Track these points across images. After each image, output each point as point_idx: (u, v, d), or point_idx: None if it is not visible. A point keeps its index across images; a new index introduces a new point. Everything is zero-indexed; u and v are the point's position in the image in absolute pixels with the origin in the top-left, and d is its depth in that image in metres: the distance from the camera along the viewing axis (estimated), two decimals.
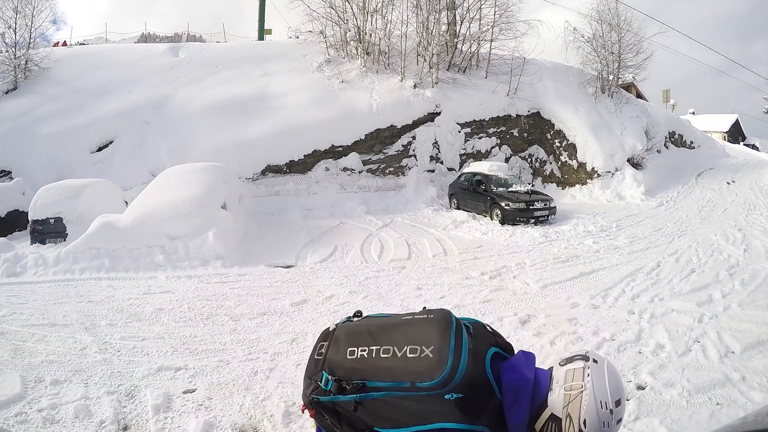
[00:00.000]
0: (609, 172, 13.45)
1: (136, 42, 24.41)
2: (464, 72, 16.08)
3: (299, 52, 16.14)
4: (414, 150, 13.86)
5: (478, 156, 14.43)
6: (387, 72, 15.31)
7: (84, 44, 22.27)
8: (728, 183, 14.12)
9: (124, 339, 4.50)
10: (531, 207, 10.12)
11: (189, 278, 6.61)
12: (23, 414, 3.22)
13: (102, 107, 13.36)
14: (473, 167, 12.29)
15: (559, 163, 14.70)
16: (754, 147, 30.84)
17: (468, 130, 14.55)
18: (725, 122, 38.81)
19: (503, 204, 10.26)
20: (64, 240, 8.10)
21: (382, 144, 13.61)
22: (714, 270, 6.54)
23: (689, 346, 4.21)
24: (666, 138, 17.75)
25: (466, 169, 12.53)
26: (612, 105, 16.00)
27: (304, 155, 12.68)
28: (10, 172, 11.87)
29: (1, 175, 11.94)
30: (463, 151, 14.44)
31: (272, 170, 12.43)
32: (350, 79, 14.77)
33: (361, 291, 5.93)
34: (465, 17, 16.42)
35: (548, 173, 14.91)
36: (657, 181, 13.57)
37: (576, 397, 1.15)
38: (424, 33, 15.50)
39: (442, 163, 14.17)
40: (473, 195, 11.31)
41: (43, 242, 8.23)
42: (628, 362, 3.94)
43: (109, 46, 20.13)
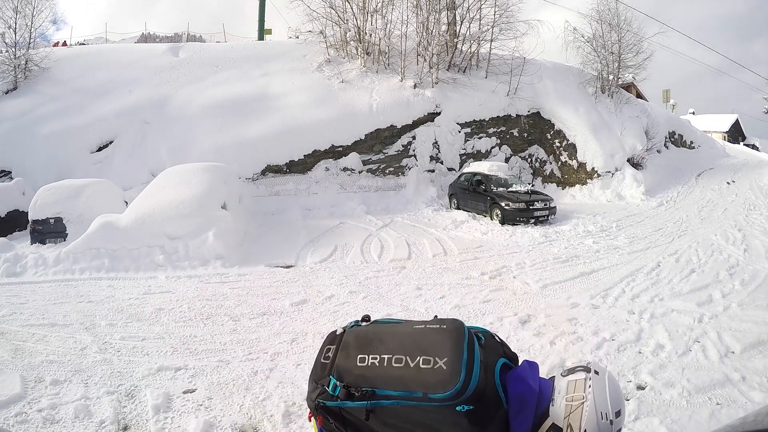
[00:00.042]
0: (609, 172, 13.45)
1: (136, 42, 24.40)
2: (464, 72, 16.08)
3: (299, 52, 16.15)
4: (414, 150, 13.86)
5: (478, 156, 14.43)
6: (387, 72, 15.32)
7: (84, 44, 22.27)
8: (728, 183, 14.11)
9: (124, 339, 4.50)
10: (531, 207, 10.12)
11: (189, 278, 6.61)
12: (23, 414, 3.22)
13: (102, 107, 13.37)
14: (473, 167, 12.29)
15: (559, 163, 14.70)
16: (754, 147, 30.82)
17: (468, 130, 14.55)
18: (725, 122, 38.79)
19: (503, 204, 10.26)
20: (64, 240, 8.10)
21: (382, 144, 13.61)
22: (714, 270, 6.54)
23: (689, 346, 4.21)
24: (666, 138, 17.74)
25: (466, 169, 12.53)
26: (612, 105, 15.99)
27: (304, 155, 12.69)
28: (10, 172, 11.87)
29: (1, 175, 11.95)
30: (463, 151, 14.44)
31: (272, 170, 12.43)
32: (350, 79, 14.78)
33: (361, 291, 5.93)
34: (465, 17, 16.42)
35: (548, 173, 14.90)
36: (657, 181, 13.57)
37: (577, 408, 1.18)
38: (424, 33, 15.50)
39: (442, 163, 14.17)
40: (473, 195, 11.31)
41: (43, 242, 8.23)
42: (628, 362, 3.94)
43: (109, 46, 20.13)
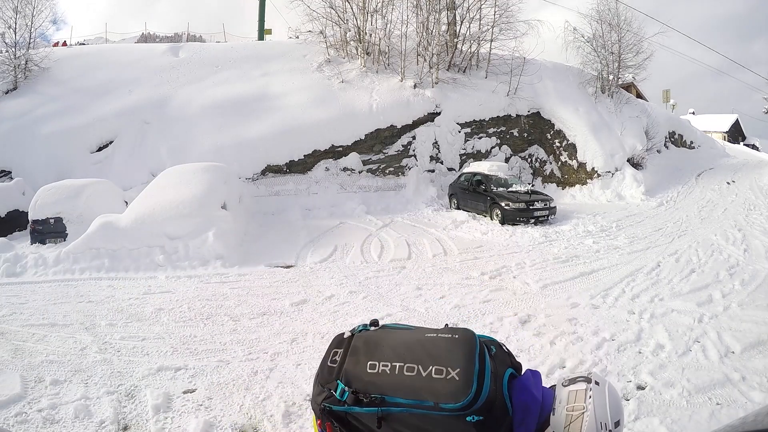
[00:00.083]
0: (609, 172, 13.45)
1: (136, 42, 24.40)
2: (464, 72, 16.08)
3: (299, 52, 16.15)
4: (414, 150, 13.86)
5: (478, 156, 14.42)
6: (387, 72, 15.31)
7: (84, 44, 22.26)
8: (728, 183, 14.11)
9: (124, 339, 4.50)
10: (531, 207, 10.11)
11: (189, 278, 6.61)
12: (23, 414, 3.22)
13: (102, 107, 13.37)
14: (473, 167, 12.29)
15: (559, 163, 14.70)
16: (754, 147, 30.82)
17: (468, 130, 14.55)
18: (725, 122, 38.79)
19: (503, 204, 10.26)
20: (64, 240, 8.10)
21: (382, 144, 13.61)
22: (714, 270, 6.54)
23: (689, 346, 4.21)
24: (666, 138, 17.74)
25: (466, 169, 12.53)
26: (612, 105, 15.99)
27: (304, 155, 12.69)
28: (10, 172, 11.87)
29: (1, 175, 11.95)
30: (463, 151, 14.44)
31: (272, 170, 12.43)
32: (350, 79, 14.77)
33: (361, 291, 5.93)
34: (465, 17, 16.42)
35: (548, 173, 14.90)
36: (657, 181, 13.57)
37: (578, 418, 1.21)
38: (424, 33, 15.50)
39: (442, 163, 14.17)
40: (473, 195, 11.31)
41: (43, 242, 8.23)
42: (628, 362, 3.94)
43: (109, 46, 20.13)
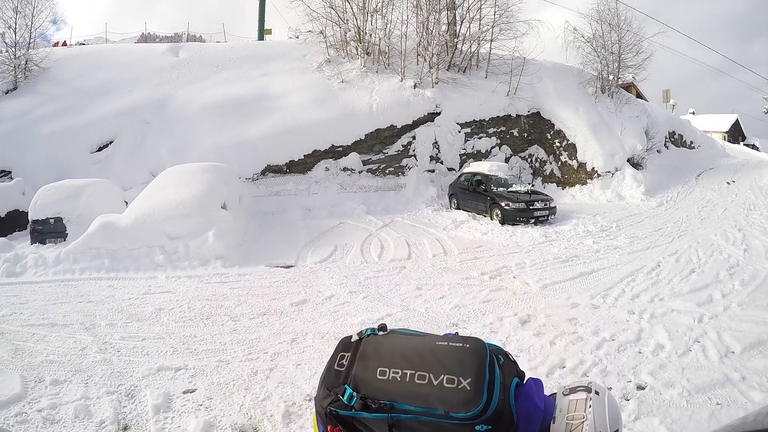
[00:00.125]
0: (609, 172, 13.45)
1: (136, 42, 24.40)
2: (464, 72, 16.08)
3: (299, 52, 16.15)
4: (414, 150, 13.86)
5: (478, 156, 14.43)
6: (387, 72, 15.31)
7: (84, 44, 22.26)
8: (728, 183, 14.11)
9: (124, 339, 4.50)
10: (531, 207, 10.12)
11: (189, 278, 6.61)
12: (23, 414, 3.22)
13: (102, 107, 13.37)
14: (473, 167, 12.29)
15: (559, 163, 14.70)
16: (754, 147, 30.83)
17: (468, 130, 14.55)
18: (725, 122, 38.79)
19: (503, 204, 10.26)
20: (64, 240, 8.10)
21: (382, 144, 13.61)
22: (714, 270, 6.54)
23: (689, 346, 4.21)
24: (666, 138, 17.74)
25: (466, 169, 12.53)
26: (612, 105, 15.99)
27: (304, 155, 12.69)
28: (10, 172, 11.87)
29: (1, 175, 11.95)
30: (463, 151, 14.44)
31: (272, 170, 12.43)
32: (350, 79, 14.78)
33: (361, 291, 5.93)
34: (465, 17, 16.42)
35: (548, 173, 14.90)
36: (657, 181, 13.57)
37: (577, 427, 1.23)
38: (424, 33, 15.50)
39: (442, 163, 14.17)
40: (473, 195, 11.31)
41: (43, 242, 8.23)
42: (628, 362, 3.94)
43: (109, 46, 20.13)
